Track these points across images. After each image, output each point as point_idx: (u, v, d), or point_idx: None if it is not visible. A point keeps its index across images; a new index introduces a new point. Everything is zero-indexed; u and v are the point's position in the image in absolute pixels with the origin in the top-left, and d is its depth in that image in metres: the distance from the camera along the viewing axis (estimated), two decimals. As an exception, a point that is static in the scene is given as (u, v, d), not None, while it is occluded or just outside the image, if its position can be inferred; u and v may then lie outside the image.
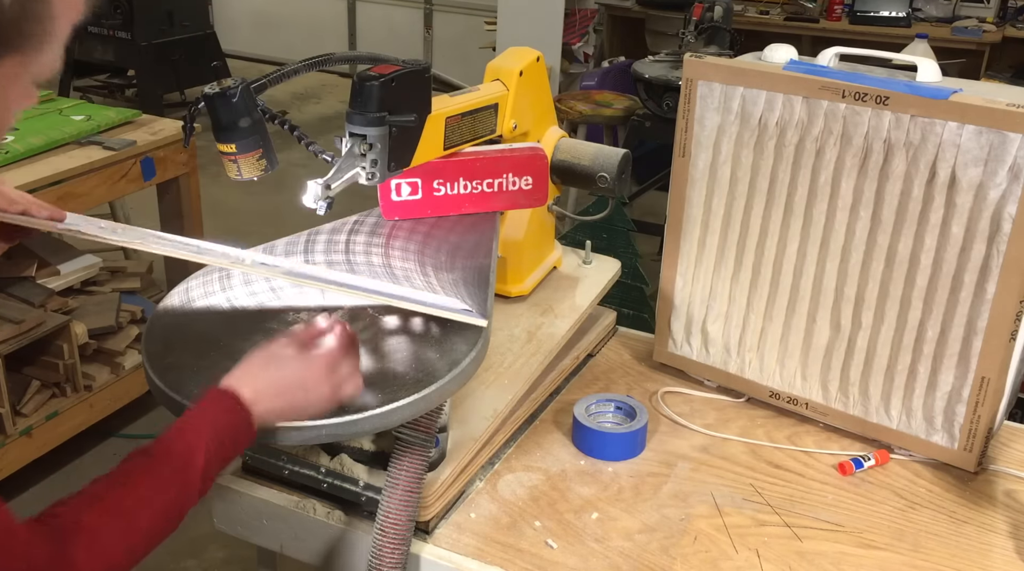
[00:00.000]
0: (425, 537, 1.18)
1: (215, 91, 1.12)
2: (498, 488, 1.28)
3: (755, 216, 1.42)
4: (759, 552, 1.19)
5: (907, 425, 1.37)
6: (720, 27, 3.67)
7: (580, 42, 5.70)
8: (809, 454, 1.39)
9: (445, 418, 1.22)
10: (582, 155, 1.53)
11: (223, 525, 1.31)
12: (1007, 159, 1.18)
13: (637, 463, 1.35)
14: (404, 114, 1.19)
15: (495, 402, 1.29)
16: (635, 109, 3.84)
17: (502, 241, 1.47)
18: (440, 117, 1.29)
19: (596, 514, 1.24)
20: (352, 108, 1.16)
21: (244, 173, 1.16)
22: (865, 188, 1.30)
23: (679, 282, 1.52)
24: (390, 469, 1.12)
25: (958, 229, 1.25)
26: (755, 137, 1.37)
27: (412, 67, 1.19)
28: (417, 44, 6.88)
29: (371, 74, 1.16)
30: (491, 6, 5.61)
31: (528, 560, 1.16)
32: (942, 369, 1.31)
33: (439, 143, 1.31)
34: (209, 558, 2.49)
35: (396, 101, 1.17)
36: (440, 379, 1.08)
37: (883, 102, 1.24)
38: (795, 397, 1.45)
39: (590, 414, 1.39)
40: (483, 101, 1.38)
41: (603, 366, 1.60)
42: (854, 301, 1.36)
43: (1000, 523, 1.26)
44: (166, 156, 2.82)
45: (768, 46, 1.39)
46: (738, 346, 1.49)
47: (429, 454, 1.13)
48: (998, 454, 1.39)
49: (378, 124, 1.16)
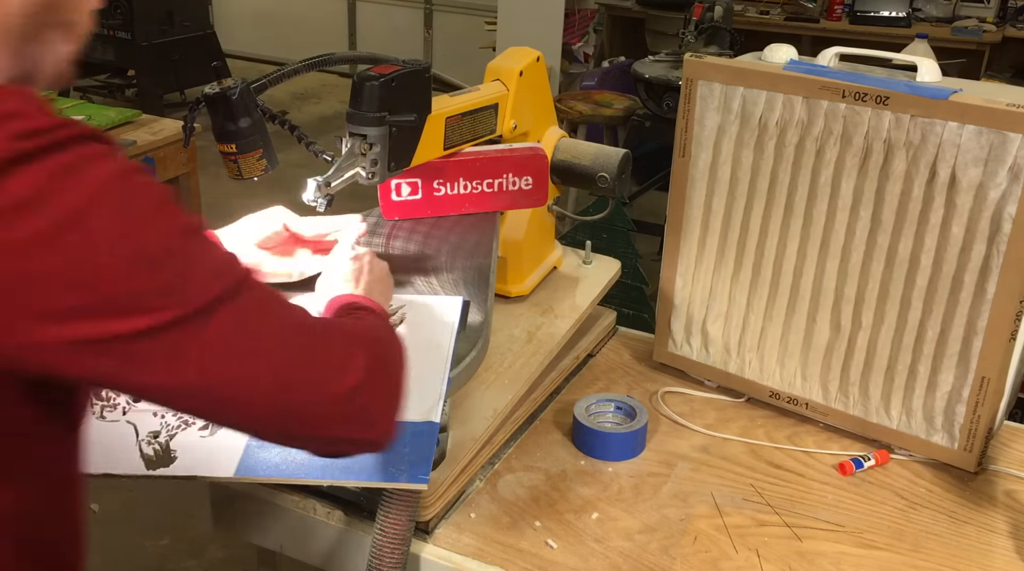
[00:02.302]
0: (425, 537, 1.18)
1: (215, 91, 1.12)
2: (498, 488, 1.28)
3: (755, 216, 1.42)
4: (759, 552, 1.19)
5: (907, 425, 1.37)
6: (720, 27, 3.67)
7: (580, 42, 5.70)
8: (809, 454, 1.39)
9: (445, 418, 1.22)
10: (582, 155, 1.53)
11: (223, 525, 1.31)
12: (1007, 159, 1.18)
13: (637, 463, 1.35)
14: (404, 114, 1.19)
15: (495, 402, 1.29)
16: (635, 109, 3.84)
17: (502, 241, 1.47)
18: (440, 117, 1.29)
19: (596, 514, 1.24)
20: (352, 108, 1.16)
21: (244, 173, 1.17)
22: (865, 188, 1.30)
23: (679, 282, 1.52)
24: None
25: (958, 229, 1.25)
26: (755, 137, 1.37)
27: (412, 67, 1.19)
28: (417, 44, 6.88)
29: (371, 74, 1.16)
30: (491, 6, 5.61)
31: (528, 560, 1.16)
32: (942, 369, 1.31)
33: (439, 143, 1.31)
34: (209, 558, 2.49)
35: (396, 101, 1.17)
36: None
37: (883, 102, 1.24)
38: (795, 397, 1.45)
39: (590, 414, 1.39)
40: (483, 101, 1.38)
41: (603, 366, 1.60)
42: (854, 301, 1.36)
43: (1000, 523, 1.26)
44: (166, 156, 2.83)
45: (768, 46, 1.39)
46: (738, 346, 1.49)
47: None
48: (998, 454, 1.39)
49: (378, 124, 1.16)
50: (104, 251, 0.67)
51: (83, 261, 0.66)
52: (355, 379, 0.81)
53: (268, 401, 0.77)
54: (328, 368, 0.80)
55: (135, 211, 0.69)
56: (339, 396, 0.80)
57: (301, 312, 0.82)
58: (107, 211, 0.67)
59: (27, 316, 0.66)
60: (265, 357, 0.76)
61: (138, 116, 2.93)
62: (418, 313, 1.20)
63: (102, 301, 0.67)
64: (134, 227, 0.69)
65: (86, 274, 0.66)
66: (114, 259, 0.67)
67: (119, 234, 0.68)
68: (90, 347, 0.68)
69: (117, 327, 0.68)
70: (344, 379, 0.80)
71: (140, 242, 0.69)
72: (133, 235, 0.68)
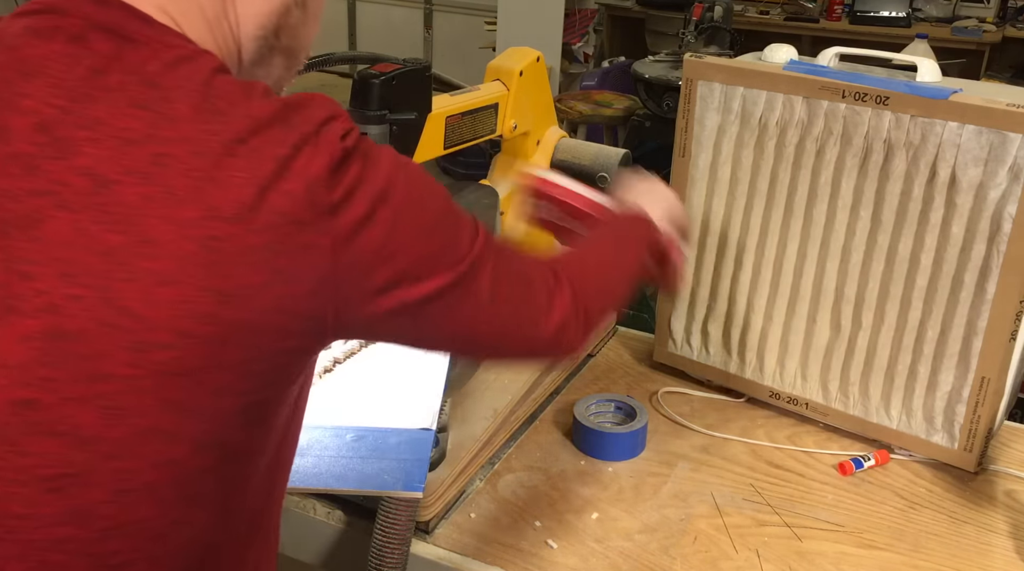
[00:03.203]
0: (425, 537, 1.18)
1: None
2: (498, 488, 1.28)
3: (755, 216, 1.42)
4: (759, 552, 1.19)
5: (907, 425, 1.37)
6: (720, 27, 3.67)
7: (580, 42, 5.70)
8: (809, 454, 1.39)
9: (445, 418, 1.23)
10: (582, 155, 1.53)
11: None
12: (1007, 159, 1.18)
13: (637, 463, 1.35)
14: (405, 112, 1.19)
15: (495, 402, 1.29)
16: (635, 109, 3.84)
17: (502, 241, 1.46)
18: (440, 116, 1.29)
19: (596, 514, 1.24)
20: (353, 106, 1.17)
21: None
22: (865, 188, 1.30)
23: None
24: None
25: (958, 229, 1.25)
26: (755, 137, 1.37)
27: (412, 66, 1.20)
28: (417, 44, 6.88)
29: (372, 72, 1.17)
30: (491, 6, 5.61)
31: (528, 560, 1.16)
32: (942, 369, 1.31)
33: (439, 142, 1.31)
34: (209, 558, 2.49)
35: (397, 99, 1.18)
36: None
37: (883, 102, 1.24)
38: (795, 397, 1.45)
39: (590, 414, 1.39)
40: (483, 101, 1.38)
41: (603, 366, 1.60)
42: (854, 301, 1.36)
43: (1000, 523, 1.26)
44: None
45: (768, 46, 1.39)
46: (738, 346, 1.49)
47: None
48: (998, 454, 1.39)
49: (379, 122, 1.17)
50: (406, 222, 0.73)
51: (393, 235, 0.72)
52: (559, 319, 0.90)
53: (497, 340, 0.87)
54: (537, 311, 0.88)
55: (417, 183, 0.76)
56: (546, 339, 0.90)
57: (527, 258, 0.91)
58: (401, 186, 0.74)
59: (360, 293, 0.72)
60: (506, 305, 0.84)
61: (138, 116, 2.94)
62: None
63: (409, 269, 0.74)
64: (419, 197, 0.75)
65: (396, 246, 0.72)
66: (414, 229, 0.74)
67: (412, 205, 0.74)
68: (398, 314, 0.75)
69: (417, 291, 0.75)
70: (550, 321, 0.89)
71: (426, 211, 0.76)
72: (420, 204, 0.75)
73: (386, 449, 1.06)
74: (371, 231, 0.71)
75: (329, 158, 0.70)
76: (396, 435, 1.03)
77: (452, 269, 0.77)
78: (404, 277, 0.74)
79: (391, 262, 0.73)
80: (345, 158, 0.71)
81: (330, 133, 0.71)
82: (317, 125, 0.71)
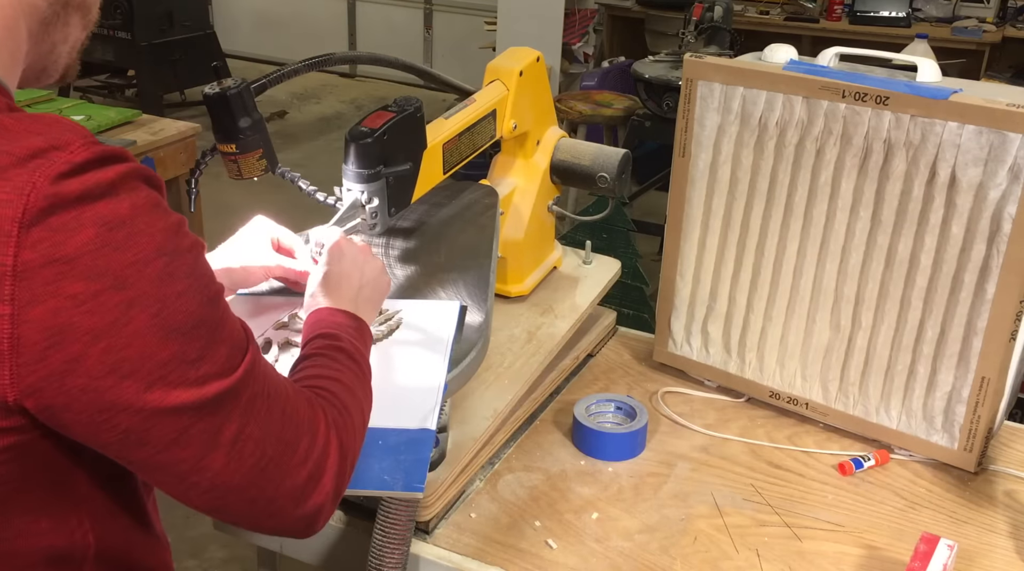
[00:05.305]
0: (425, 537, 1.19)
1: (215, 91, 1.11)
2: (498, 488, 1.28)
3: (755, 216, 1.42)
4: (759, 552, 1.19)
5: (907, 425, 1.37)
6: (720, 27, 3.67)
7: (580, 42, 5.70)
8: (809, 454, 1.39)
9: (445, 418, 1.22)
10: (582, 155, 1.53)
11: (223, 525, 1.31)
12: (1007, 159, 1.18)
13: (637, 463, 1.35)
14: (399, 163, 1.18)
15: (495, 402, 1.29)
16: (635, 109, 3.84)
17: (502, 241, 1.47)
18: (436, 147, 1.29)
19: (596, 514, 1.24)
20: (347, 165, 1.16)
21: (244, 173, 1.16)
22: (865, 188, 1.30)
23: (679, 282, 1.52)
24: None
25: (958, 229, 1.25)
26: (755, 137, 1.37)
27: (403, 112, 1.19)
28: (417, 44, 6.88)
29: (363, 130, 1.15)
30: (491, 6, 5.62)
31: (528, 560, 1.16)
32: (942, 369, 1.31)
33: (439, 170, 1.31)
34: (209, 558, 2.49)
35: (390, 152, 1.17)
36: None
37: (883, 102, 1.24)
38: (795, 397, 1.45)
39: (590, 414, 1.39)
40: (480, 112, 1.37)
41: (603, 366, 1.60)
42: (854, 301, 1.36)
43: (1000, 523, 1.26)
44: (166, 156, 2.83)
45: (768, 46, 1.39)
46: (738, 346, 1.49)
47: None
48: (998, 454, 1.39)
49: (374, 179, 1.16)
50: (121, 311, 0.64)
51: (93, 319, 0.64)
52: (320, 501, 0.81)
53: (241, 488, 0.76)
54: (298, 466, 0.79)
55: (172, 280, 0.67)
56: (296, 494, 0.80)
57: (287, 394, 0.81)
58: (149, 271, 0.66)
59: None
60: (262, 444, 0.76)
61: (138, 116, 2.93)
62: (415, 318, 1.20)
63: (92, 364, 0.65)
64: (169, 298, 0.67)
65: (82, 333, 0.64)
66: (148, 330, 0.66)
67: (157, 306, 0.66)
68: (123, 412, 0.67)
69: (151, 398, 0.67)
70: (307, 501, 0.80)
71: (173, 314, 0.67)
72: (168, 307, 0.67)
73: (386, 449, 1.05)
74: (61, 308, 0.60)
75: (23, 209, 0.58)
76: (396, 435, 1.03)
77: (201, 383, 0.68)
78: (142, 376, 0.66)
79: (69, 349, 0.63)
80: (50, 210, 0.59)
81: (42, 170, 0.59)
82: (23, 158, 0.59)
